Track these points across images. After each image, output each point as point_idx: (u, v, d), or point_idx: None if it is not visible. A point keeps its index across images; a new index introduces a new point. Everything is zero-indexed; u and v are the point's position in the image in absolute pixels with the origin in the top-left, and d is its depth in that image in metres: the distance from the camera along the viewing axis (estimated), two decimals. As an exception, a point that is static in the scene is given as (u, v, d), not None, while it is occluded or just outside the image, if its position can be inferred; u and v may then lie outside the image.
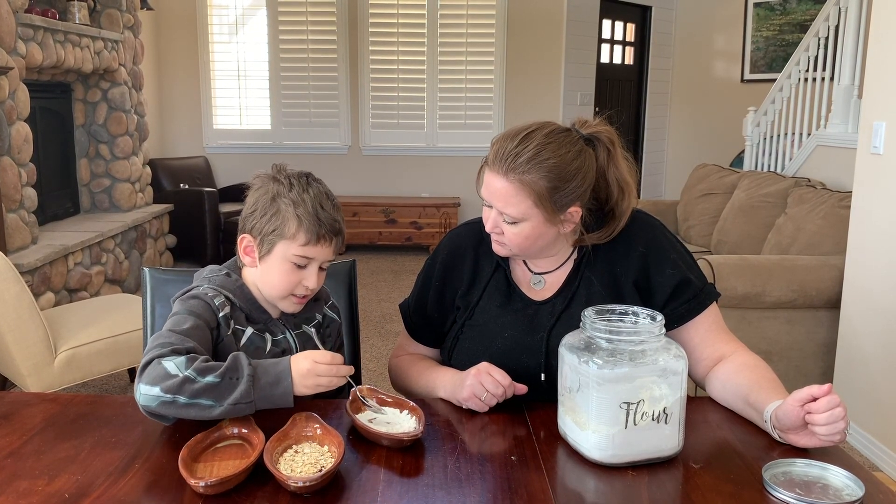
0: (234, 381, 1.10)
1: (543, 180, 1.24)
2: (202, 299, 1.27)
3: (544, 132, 1.28)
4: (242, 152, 6.37)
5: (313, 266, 1.29)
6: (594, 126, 1.33)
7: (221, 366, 1.11)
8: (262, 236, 1.28)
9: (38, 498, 0.98)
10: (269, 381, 1.12)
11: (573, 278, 1.37)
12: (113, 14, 4.81)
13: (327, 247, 1.28)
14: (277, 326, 1.34)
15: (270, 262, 1.28)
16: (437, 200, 6.12)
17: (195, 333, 1.20)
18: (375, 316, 4.36)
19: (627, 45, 7.00)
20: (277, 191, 1.27)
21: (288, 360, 1.15)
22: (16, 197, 3.54)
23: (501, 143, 1.28)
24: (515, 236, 1.29)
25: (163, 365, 1.10)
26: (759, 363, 1.29)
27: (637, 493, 1.01)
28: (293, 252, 1.26)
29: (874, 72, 2.67)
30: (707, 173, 4.72)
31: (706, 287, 1.36)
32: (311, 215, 1.25)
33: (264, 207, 1.27)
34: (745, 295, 2.91)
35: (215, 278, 1.33)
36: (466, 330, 1.40)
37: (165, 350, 1.13)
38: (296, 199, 1.26)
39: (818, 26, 4.37)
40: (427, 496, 0.99)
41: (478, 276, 1.42)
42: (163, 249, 5.32)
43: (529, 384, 1.33)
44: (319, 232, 1.26)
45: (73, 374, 2.63)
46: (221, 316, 1.27)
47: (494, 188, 1.27)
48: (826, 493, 0.99)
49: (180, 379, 1.08)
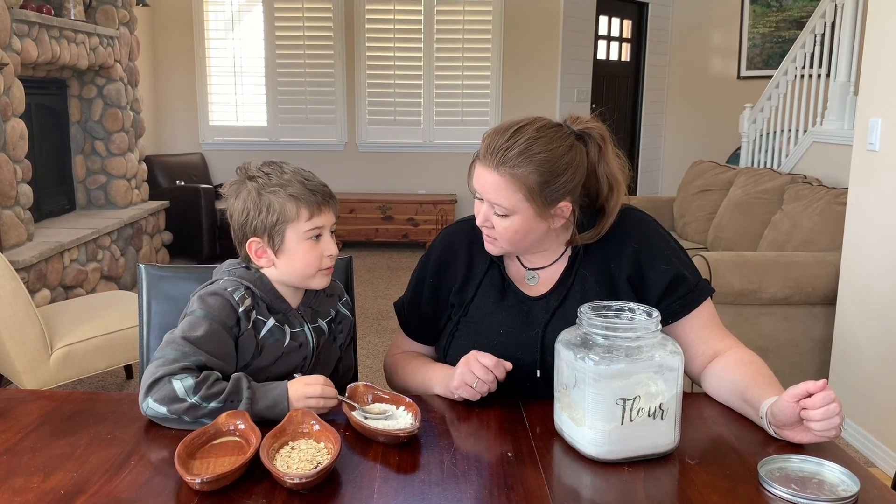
0: (235, 404, 1.17)
1: (534, 174, 1.25)
2: (222, 295, 1.28)
3: (535, 126, 1.28)
4: (239, 149, 6.36)
5: (326, 234, 1.32)
6: (585, 123, 1.33)
7: (224, 390, 1.17)
8: (269, 231, 1.29)
9: (33, 495, 0.98)
10: (268, 404, 1.19)
11: (568, 275, 1.37)
12: (108, 10, 4.80)
13: (329, 211, 1.32)
14: (296, 318, 1.36)
15: (288, 251, 1.30)
16: (433, 197, 6.12)
17: (209, 341, 1.23)
18: (372, 313, 4.36)
19: (624, 41, 7.00)
20: (259, 186, 1.29)
21: (285, 385, 1.21)
22: (11, 194, 3.53)
23: (493, 137, 1.28)
24: (506, 230, 1.29)
25: (172, 385, 1.16)
26: (753, 359, 1.29)
27: (633, 489, 1.01)
28: (304, 230, 1.29)
29: (870, 68, 2.67)
30: (703, 170, 4.72)
31: (700, 283, 1.36)
32: (303, 190, 1.29)
33: (256, 206, 1.29)
34: (741, 291, 2.91)
35: (235, 270, 1.34)
36: (461, 327, 1.40)
37: (175, 368, 1.18)
38: (280, 182, 1.29)
39: (814, 23, 4.37)
40: (423, 492, 1.00)
41: (472, 272, 1.42)
42: (159, 246, 5.31)
43: (525, 381, 1.33)
44: (317, 201, 1.30)
45: (68, 371, 2.63)
46: (242, 310, 1.28)
47: (485, 181, 1.28)
48: (821, 489, 0.99)
49: (187, 405, 1.15)
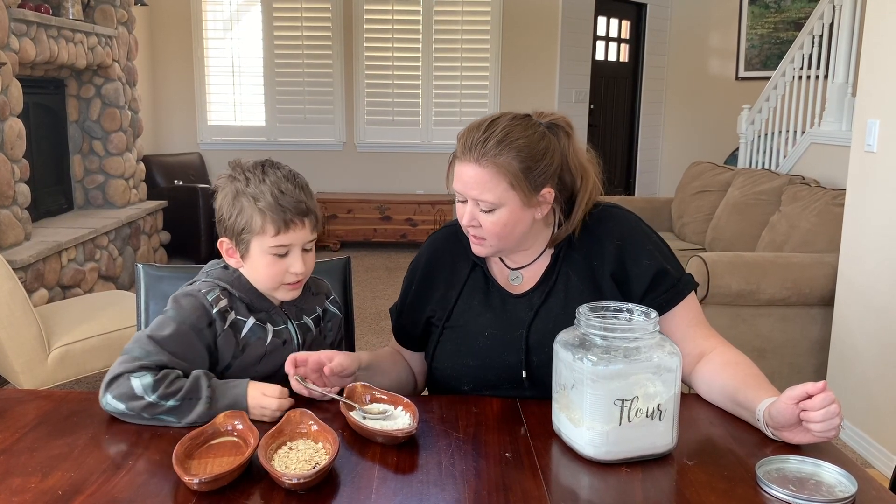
0: (193, 402, 1.18)
1: (515, 161, 1.25)
2: (195, 297, 1.28)
3: (508, 118, 1.30)
4: (237, 149, 6.35)
5: (295, 251, 1.29)
6: (551, 115, 1.34)
7: (183, 388, 1.18)
8: (236, 237, 1.29)
9: (31, 495, 0.98)
10: (227, 403, 1.19)
11: (550, 272, 1.37)
12: (107, 9, 4.79)
13: (300, 229, 1.28)
14: (280, 315, 1.35)
15: (252, 259, 1.30)
16: (432, 197, 6.12)
17: (174, 341, 1.23)
18: (370, 313, 4.36)
19: (622, 42, 7.00)
20: (237, 189, 1.28)
21: (246, 386, 1.21)
22: (9, 193, 3.53)
23: (468, 134, 1.29)
24: (493, 225, 1.29)
25: (130, 383, 1.18)
26: (740, 359, 1.29)
27: (631, 490, 1.01)
28: (268, 245, 1.27)
29: (868, 70, 2.68)
30: (701, 171, 4.73)
31: (683, 277, 1.36)
32: (272, 205, 1.25)
33: (229, 209, 1.28)
34: (739, 292, 2.92)
35: (214, 271, 1.35)
36: (446, 332, 1.39)
37: (134, 366, 1.20)
38: (254, 192, 1.26)
39: (812, 24, 4.38)
40: (421, 493, 0.99)
41: (455, 277, 1.42)
42: (157, 246, 5.30)
43: (511, 382, 1.33)
44: (285, 218, 1.25)
45: (66, 371, 2.63)
46: (216, 311, 1.28)
47: (468, 177, 1.28)
48: (819, 490, 1.00)
49: (145, 403, 1.17)
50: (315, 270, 1.62)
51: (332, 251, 5.93)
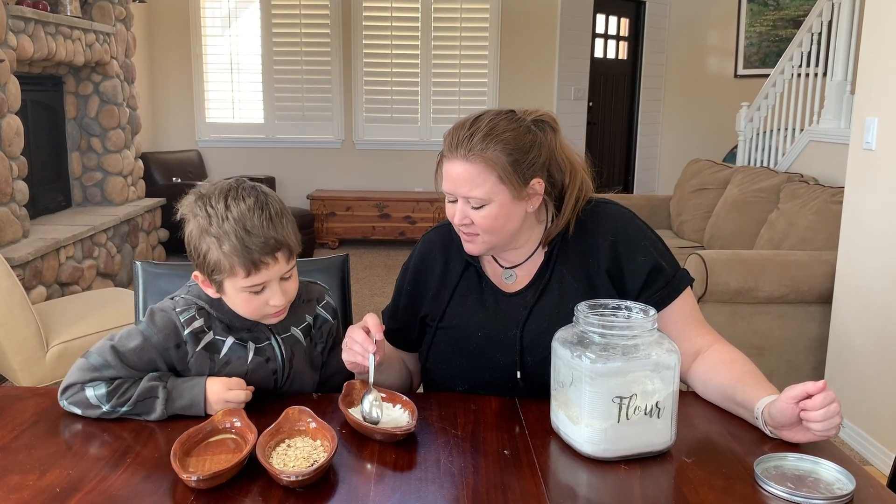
0: (149, 402, 1.19)
1: (503, 154, 1.26)
2: (168, 315, 1.24)
3: (493, 113, 1.31)
4: (235, 146, 6.35)
5: (272, 285, 1.21)
6: (535, 112, 1.34)
7: (135, 393, 1.19)
8: (208, 275, 1.21)
9: (29, 492, 0.97)
10: (184, 404, 1.20)
11: (544, 270, 1.36)
12: (105, 6, 4.78)
13: (273, 266, 1.18)
14: (263, 332, 1.29)
15: (228, 296, 1.23)
16: (430, 195, 6.11)
17: (135, 355, 1.22)
18: (368, 310, 4.35)
19: (621, 39, 7.00)
20: (201, 227, 1.18)
21: (203, 384, 1.21)
22: (7, 190, 3.52)
23: (454, 132, 1.29)
24: (484, 219, 1.28)
25: (84, 393, 1.19)
26: (735, 357, 1.28)
27: (629, 488, 1.01)
28: (241, 285, 1.19)
29: (867, 67, 2.67)
30: (700, 168, 4.73)
31: (679, 272, 1.35)
32: (237, 248, 1.15)
33: (196, 247, 1.20)
34: (737, 290, 2.92)
35: (193, 288, 1.28)
36: (440, 333, 1.39)
37: (88, 377, 1.20)
38: (217, 233, 1.16)
39: (811, 22, 4.38)
40: (420, 490, 0.99)
41: (447, 278, 1.41)
42: (155, 243, 5.30)
43: (506, 382, 1.32)
44: (253, 259, 1.16)
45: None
46: (188, 332, 1.23)
47: (457, 174, 1.28)
48: (817, 487, 1.00)
49: (101, 411, 1.19)
50: (313, 269, 1.62)
51: (330, 249, 5.93)
